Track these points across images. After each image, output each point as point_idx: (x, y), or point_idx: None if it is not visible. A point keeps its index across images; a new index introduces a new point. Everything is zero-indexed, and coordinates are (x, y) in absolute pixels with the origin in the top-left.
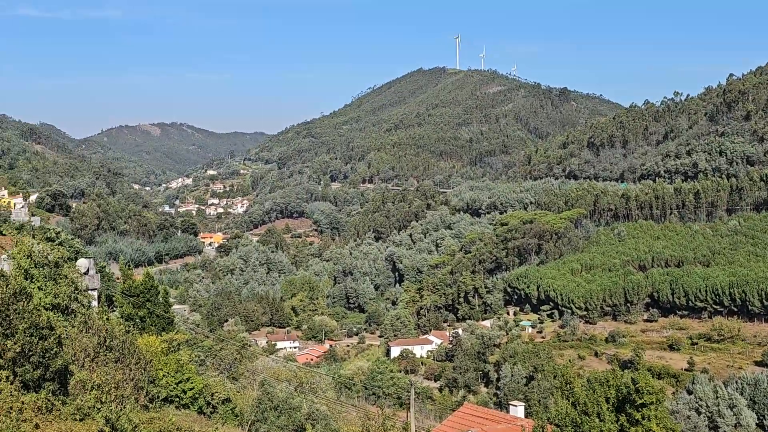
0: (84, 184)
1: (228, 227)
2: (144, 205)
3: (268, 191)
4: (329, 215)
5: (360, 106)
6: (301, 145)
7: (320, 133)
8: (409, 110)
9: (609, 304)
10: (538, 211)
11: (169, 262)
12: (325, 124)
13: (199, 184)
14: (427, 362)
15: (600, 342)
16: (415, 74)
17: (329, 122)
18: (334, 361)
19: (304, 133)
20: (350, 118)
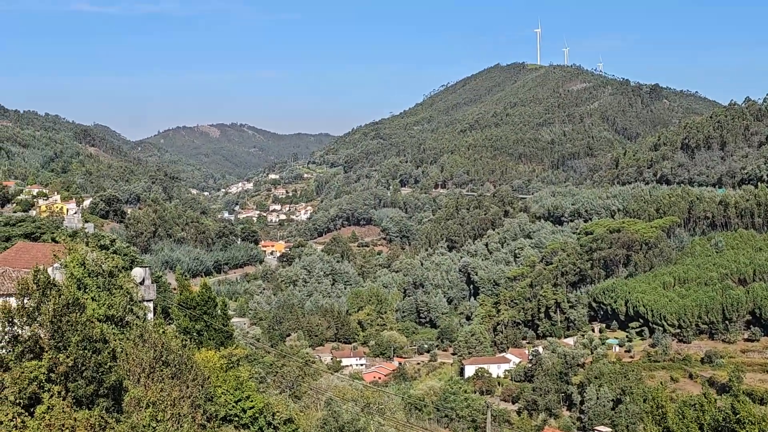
0: (139, 189)
1: (291, 235)
2: (202, 212)
3: (333, 197)
4: (399, 223)
5: (432, 105)
6: (369, 147)
7: (389, 135)
8: (485, 109)
9: (705, 322)
10: (626, 219)
11: (228, 272)
12: (394, 124)
13: (260, 189)
14: (505, 383)
15: (695, 363)
16: (492, 70)
17: (399, 122)
18: (403, 380)
19: (372, 134)
20: (422, 118)
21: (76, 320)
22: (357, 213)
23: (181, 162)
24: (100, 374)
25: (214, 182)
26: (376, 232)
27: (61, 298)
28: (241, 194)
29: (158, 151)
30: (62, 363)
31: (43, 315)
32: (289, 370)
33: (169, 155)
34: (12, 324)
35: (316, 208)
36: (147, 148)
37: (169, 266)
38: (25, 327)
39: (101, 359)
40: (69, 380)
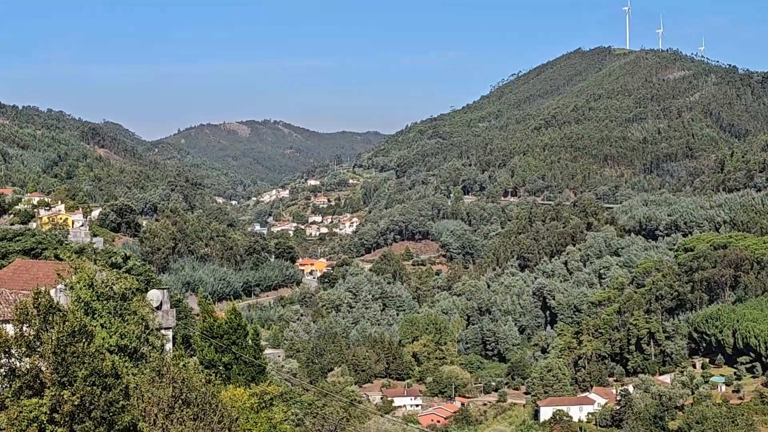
0: (157, 197)
1: (333, 252)
2: (229, 224)
3: (383, 206)
4: (461, 237)
5: (501, 98)
6: (426, 148)
7: (450, 133)
8: (563, 102)
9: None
10: (734, 233)
11: (260, 294)
12: (456, 121)
13: (297, 198)
14: (588, 427)
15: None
16: (572, 56)
17: (461, 119)
18: (466, 424)
19: (430, 132)
20: (488, 114)
21: (83, 351)
22: (411, 225)
23: (205, 165)
24: (111, 414)
25: (244, 189)
26: (435, 249)
27: (66, 325)
28: (275, 203)
29: (178, 152)
30: (67, 401)
31: (45, 345)
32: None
33: (191, 158)
34: (9, 355)
35: (363, 220)
36: (165, 150)
37: (190, 288)
38: (24, 359)
39: (112, 397)
40: (75, 421)
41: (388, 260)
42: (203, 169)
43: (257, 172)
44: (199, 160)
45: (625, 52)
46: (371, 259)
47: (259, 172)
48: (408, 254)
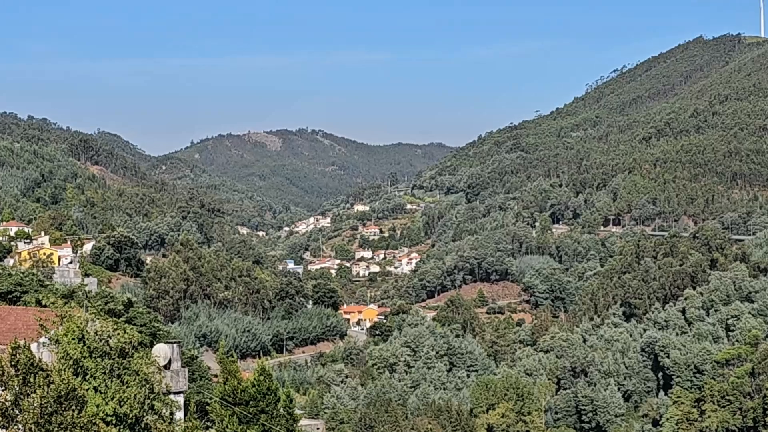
0: (164, 227)
1: (387, 296)
2: (256, 261)
3: (450, 238)
4: (549, 278)
5: (599, 100)
6: (504, 164)
7: (535, 145)
8: (680, 105)
9: None
10: None
11: (294, 350)
12: (542, 129)
13: (341, 227)
14: None
15: None
16: (691, 47)
17: (549, 127)
18: None
19: (509, 144)
20: (584, 120)
21: (72, 421)
22: (486, 263)
23: (225, 187)
24: None
25: (273, 217)
26: (515, 292)
27: (51, 388)
28: (313, 235)
29: (191, 170)
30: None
31: (26, 413)
32: None
33: (208, 177)
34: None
35: (425, 256)
36: (175, 167)
37: (207, 342)
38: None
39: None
40: None
41: (456, 307)
42: (223, 192)
43: (290, 194)
44: (217, 180)
45: (759, 41)
46: (435, 306)
47: (292, 195)
48: (481, 299)
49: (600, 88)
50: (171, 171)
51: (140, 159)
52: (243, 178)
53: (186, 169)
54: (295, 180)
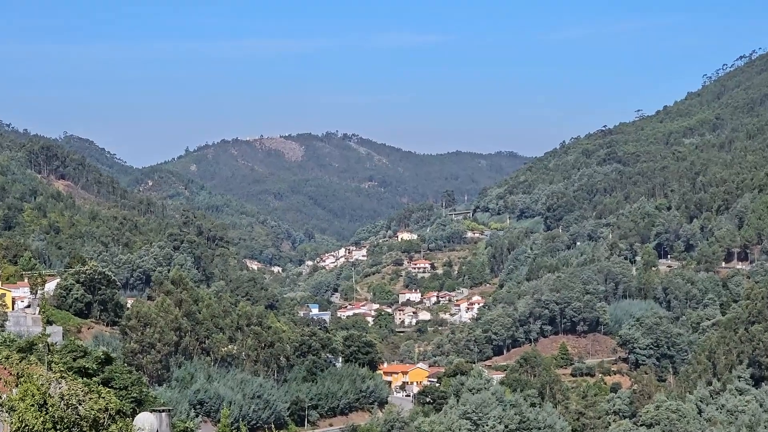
0: (150, 261)
1: (440, 352)
2: (269, 305)
3: (523, 276)
4: (654, 329)
5: (720, 96)
6: (595, 180)
7: (635, 155)
8: None
9: None
10: None
11: (318, 422)
12: (644, 134)
13: (381, 261)
14: None
15: None
16: None
17: (653, 131)
18: None
19: (601, 153)
20: (699, 123)
21: None
22: (571, 309)
23: (230, 208)
24: None
25: (293, 247)
26: (609, 348)
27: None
28: (345, 271)
29: (186, 186)
30: None
31: None
32: None
33: (207, 194)
34: None
35: (491, 299)
36: (165, 182)
37: (205, 410)
38: None
39: None
40: None
41: (531, 367)
42: (227, 214)
43: (315, 218)
44: (219, 200)
45: None
46: (503, 365)
47: (318, 219)
48: (565, 357)
49: (722, 80)
50: (160, 187)
51: (120, 171)
52: (253, 196)
53: (179, 185)
54: (321, 199)
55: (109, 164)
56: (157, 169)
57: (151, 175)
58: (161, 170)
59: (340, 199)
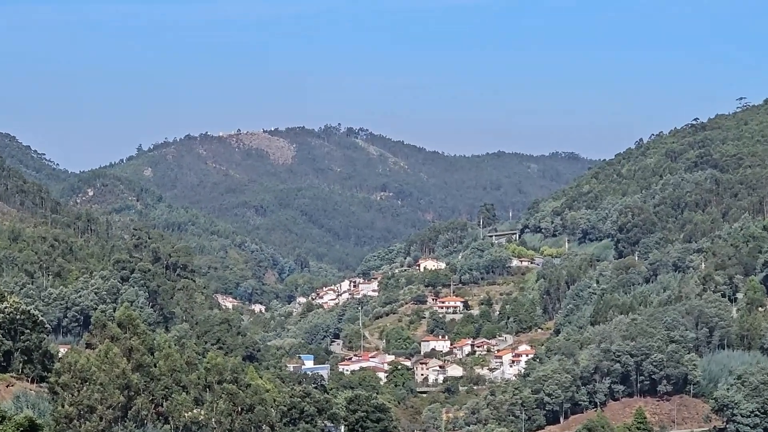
0: (90, 297)
1: (475, 419)
2: (249, 355)
3: (587, 320)
4: (759, 390)
5: None
6: (683, 191)
7: (736, 158)
8: None
9: None
10: None
11: None
12: (749, 130)
13: (397, 298)
14: None
15: None
16: None
17: (759, 126)
18: None
19: (691, 156)
20: None
21: None
22: (651, 363)
23: (197, 226)
24: None
25: (280, 279)
26: (699, 414)
27: None
28: (350, 311)
29: (138, 196)
30: None
31: None
32: None
33: (167, 208)
34: None
35: (543, 349)
36: (111, 191)
37: None
38: None
39: None
40: None
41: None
42: (192, 234)
43: (310, 239)
44: (183, 215)
45: None
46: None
47: (313, 242)
48: (642, 426)
49: None
50: (103, 198)
51: (50, 177)
52: (228, 210)
53: (129, 195)
54: (318, 215)
55: (35, 167)
56: (100, 174)
57: (92, 182)
58: (105, 176)
59: (343, 215)
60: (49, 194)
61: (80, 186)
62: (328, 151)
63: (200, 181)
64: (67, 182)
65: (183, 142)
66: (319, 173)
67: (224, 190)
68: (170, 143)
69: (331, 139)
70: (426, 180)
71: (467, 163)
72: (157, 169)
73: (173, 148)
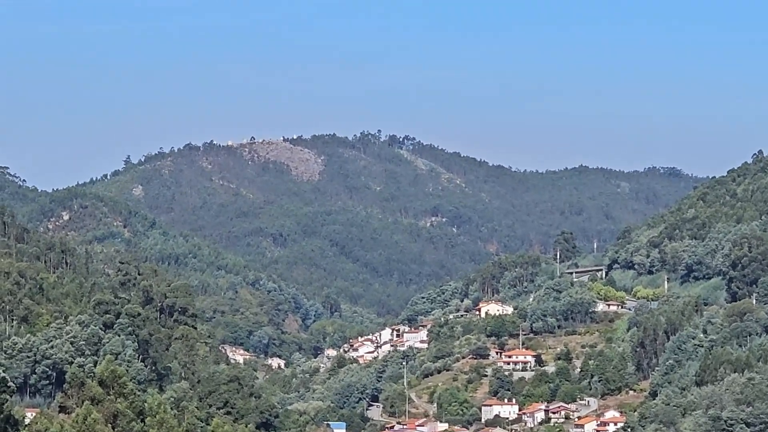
0: (65, 347)
1: None
2: (264, 421)
3: (691, 379)
4: None
5: None
6: None
7: None
8: None
9: None
10: None
11: None
12: None
13: (451, 351)
14: None
15: None
16: None
17: None
18: None
19: None
20: None
21: None
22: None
23: (199, 258)
24: None
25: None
26: None
27: None
28: (391, 366)
29: (126, 221)
30: None
31: None
32: None
33: (161, 235)
34: None
35: (635, 416)
36: (90, 214)
37: None
38: None
39: None
40: None
41: None
42: (194, 269)
43: (342, 276)
44: (181, 245)
45: None
46: None
47: (346, 278)
48: None
49: None
50: (82, 222)
51: (15, 197)
52: (239, 239)
53: (114, 220)
54: (352, 246)
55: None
56: (78, 194)
57: (68, 202)
58: (84, 195)
59: (383, 246)
60: (13, 218)
61: (53, 208)
62: (365, 164)
63: (204, 202)
64: (37, 203)
65: (182, 153)
66: (354, 193)
67: (234, 214)
68: (166, 154)
69: (369, 150)
70: (488, 202)
71: (540, 181)
72: (149, 186)
73: (170, 161)
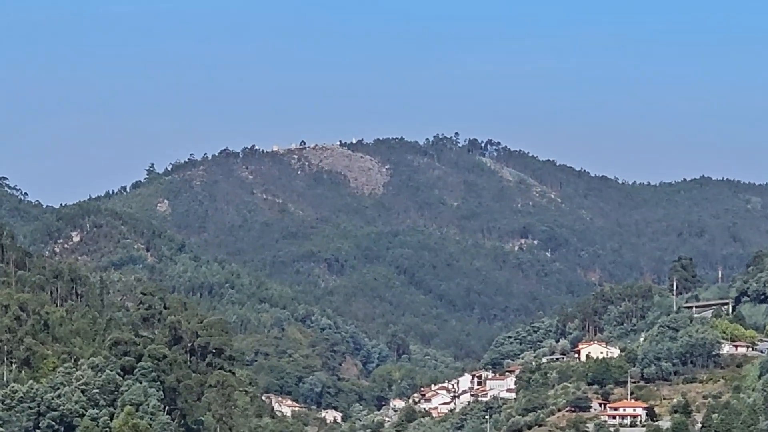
0: (75, 396)
1: None
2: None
3: None
4: None
5: None
6: None
7: None
8: None
9: None
10: None
11: None
12: None
13: (543, 401)
14: None
15: None
16: None
17: None
18: None
19: None
20: None
21: None
22: None
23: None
24: None
25: (365, 370)
26: None
27: None
28: (472, 419)
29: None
30: None
31: None
32: None
33: (191, 260)
34: None
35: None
36: (106, 234)
37: None
38: None
39: None
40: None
41: None
42: (231, 301)
43: (411, 309)
44: (217, 272)
45: None
46: None
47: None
48: None
49: None
50: (95, 245)
51: (16, 214)
52: (287, 265)
53: (135, 241)
54: (424, 272)
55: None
56: (91, 210)
57: (79, 221)
58: (99, 211)
59: (461, 274)
60: (13, 240)
61: (61, 227)
62: (440, 174)
63: (243, 221)
64: (42, 221)
65: (217, 161)
66: (426, 209)
67: (281, 235)
68: (197, 162)
69: (444, 157)
70: (589, 220)
71: (653, 195)
72: (177, 201)
73: (202, 170)
